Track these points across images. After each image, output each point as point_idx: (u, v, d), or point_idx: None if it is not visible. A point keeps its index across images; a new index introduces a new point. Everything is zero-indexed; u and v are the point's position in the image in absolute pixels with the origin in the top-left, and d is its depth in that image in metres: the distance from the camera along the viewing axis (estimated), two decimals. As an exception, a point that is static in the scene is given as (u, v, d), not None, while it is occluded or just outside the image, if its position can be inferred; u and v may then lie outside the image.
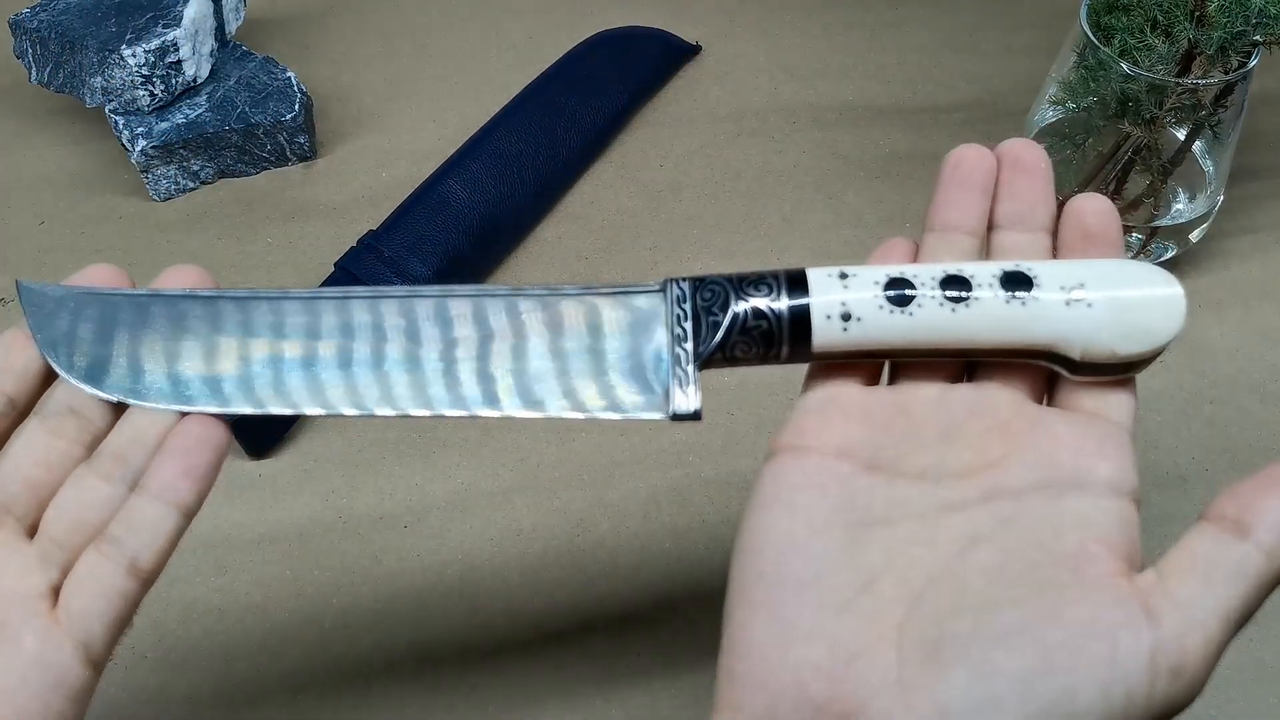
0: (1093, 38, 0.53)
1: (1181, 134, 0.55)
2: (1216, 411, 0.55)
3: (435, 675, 0.47)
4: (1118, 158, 0.55)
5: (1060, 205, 0.35)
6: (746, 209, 0.64)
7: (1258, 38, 0.50)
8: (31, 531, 0.33)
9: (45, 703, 0.30)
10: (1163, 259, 0.59)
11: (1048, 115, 0.58)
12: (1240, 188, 0.62)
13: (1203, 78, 0.52)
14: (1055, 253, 0.35)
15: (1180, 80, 0.51)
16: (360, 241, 0.58)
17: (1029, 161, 0.35)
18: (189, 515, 0.33)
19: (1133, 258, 0.58)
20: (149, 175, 0.63)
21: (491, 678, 0.47)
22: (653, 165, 0.66)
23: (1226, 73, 0.52)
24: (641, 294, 0.35)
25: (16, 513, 0.33)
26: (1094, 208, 0.34)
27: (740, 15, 0.74)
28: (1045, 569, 0.29)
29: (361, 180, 0.65)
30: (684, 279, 0.34)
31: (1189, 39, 0.51)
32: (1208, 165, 0.57)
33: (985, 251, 0.35)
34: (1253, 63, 0.52)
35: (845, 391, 0.33)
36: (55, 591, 0.32)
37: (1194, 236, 0.58)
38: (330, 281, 0.58)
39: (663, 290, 0.34)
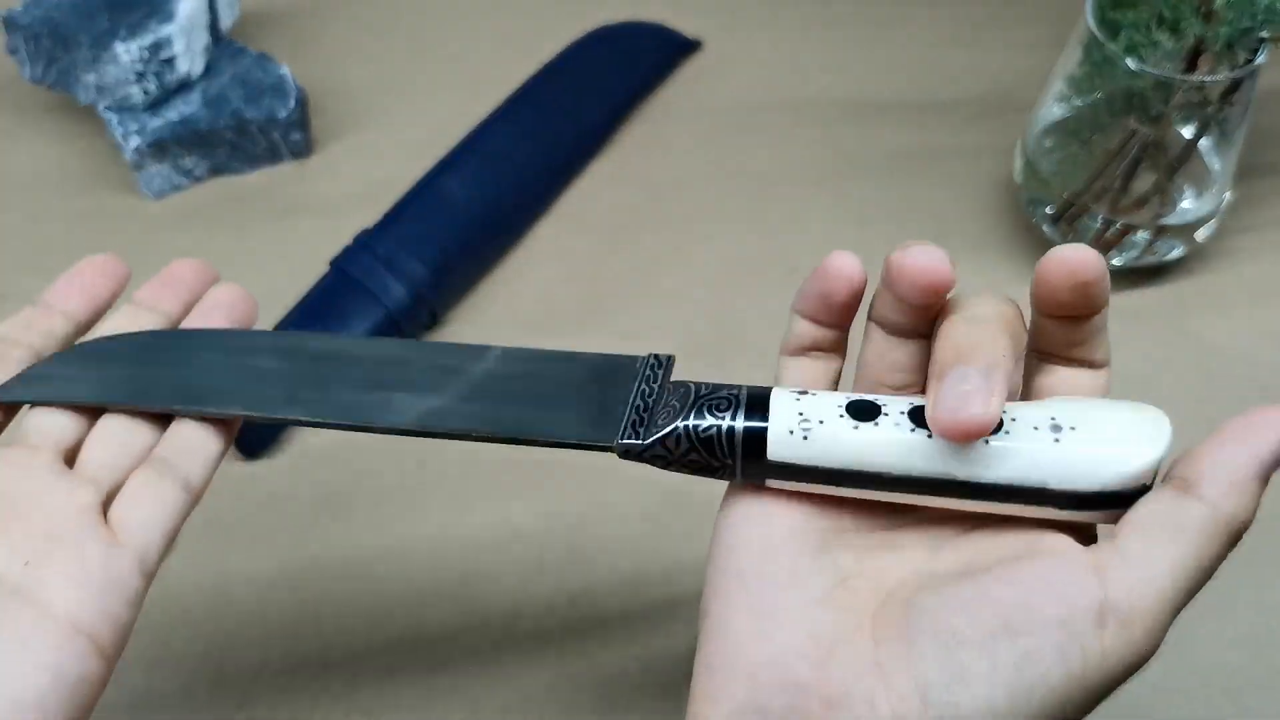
0: (1098, 33, 0.52)
1: (1188, 131, 0.55)
2: (1221, 413, 0.54)
3: (433, 677, 0.47)
4: (1124, 154, 0.54)
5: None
6: (748, 206, 0.63)
7: (1265, 34, 0.50)
8: (69, 459, 0.35)
9: (103, 602, 0.32)
10: (1169, 257, 0.58)
11: (1053, 111, 0.58)
12: (1247, 185, 0.61)
13: (1210, 74, 0.51)
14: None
15: (1187, 77, 0.51)
16: (355, 239, 0.58)
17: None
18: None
19: (1138, 256, 0.58)
20: (142, 172, 0.62)
21: (489, 681, 0.47)
22: (653, 162, 0.65)
23: (1233, 69, 0.51)
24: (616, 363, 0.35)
25: (54, 437, 0.35)
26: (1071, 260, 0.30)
27: (741, 10, 0.74)
28: (1007, 549, 0.30)
29: (357, 177, 0.64)
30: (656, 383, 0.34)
31: (1196, 35, 0.50)
32: (1214, 163, 0.57)
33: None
34: (1260, 59, 0.51)
35: None
36: (104, 510, 0.34)
37: (1200, 235, 0.58)
38: (325, 281, 0.57)
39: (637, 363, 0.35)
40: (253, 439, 0.53)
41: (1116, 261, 0.58)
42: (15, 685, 0.30)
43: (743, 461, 0.31)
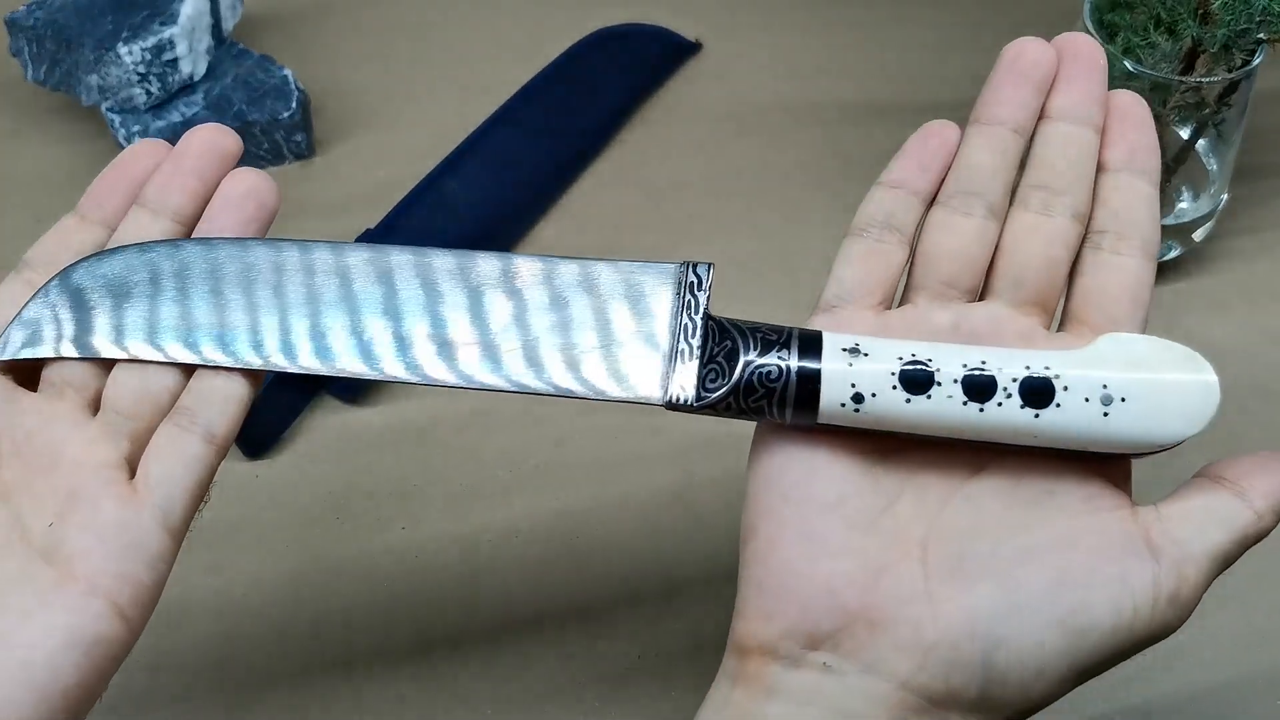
0: (1096, 35, 0.52)
1: (1185, 132, 0.55)
2: (1220, 412, 0.55)
3: (433, 677, 0.47)
4: (1121, 156, 0.54)
5: None
6: (747, 208, 0.63)
7: (1261, 35, 0.50)
8: (93, 406, 0.34)
9: (121, 563, 0.31)
10: (1166, 257, 0.58)
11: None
12: (1244, 186, 0.61)
13: (1206, 76, 0.51)
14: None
15: (1184, 78, 0.51)
16: (357, 240, 0.58)
17: (1088, 56, 0.36)
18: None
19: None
20: (145, 174, 0.62)
21: (489, 680, 0.47)
22: (653, 163, 0.66)
23: (1230, 71, 0.51)
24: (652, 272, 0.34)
25: (76, 385, 0.34)
26: (1126, 97, 0.36)
27: (741, 12, 0.74)
28: (1058, 496, 0.32)
29: (359, 179, 0.64)
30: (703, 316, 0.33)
31: (1192, 37, 0.50)
32: (1211, 164, 0.57)
33: (1029, 145, 0.36)
34: (1257, 61, 0.51)
35: (857, 323, 0.34)
36: (128, 463, 0.33)
37: (1198, 236, 0.58)
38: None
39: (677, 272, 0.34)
40: (254, 438, 0.53)
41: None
42: (26, 646, 0.29)
43: (792, 420, 0.32)
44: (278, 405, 0.53)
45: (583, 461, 0.53)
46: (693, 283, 0.34)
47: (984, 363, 0.31)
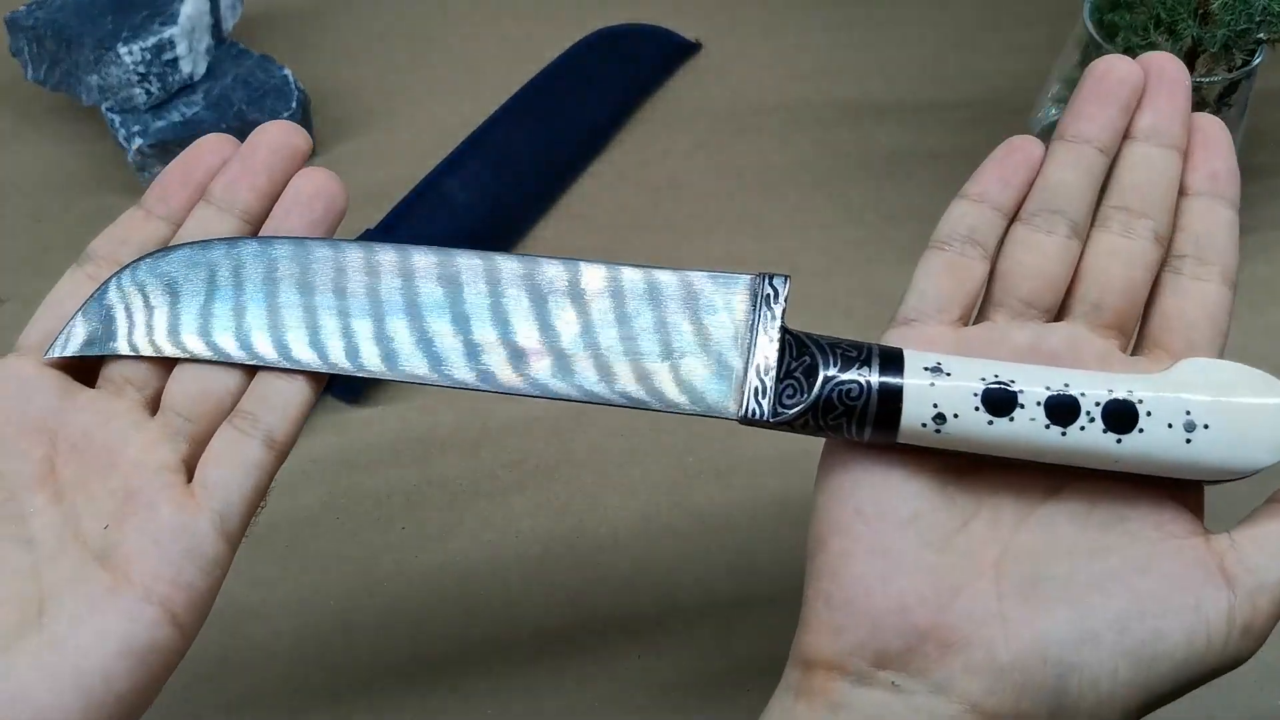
0: (1096, 35, 0.52)
1: (1185, 132, 0.55)
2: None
3: (433, 678, 0.47)
4: (1121, 156, 0.55)
5: None
6: (748, 207, 0.63)
7: (1261, 35, 0.50)
8: (152, 405, 0.33)
9: (177, 569, 0.31)
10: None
11: (1051, 113, 0.58)
12: (1244, 186, 0.61)
13: (1206, 76, 0.51)
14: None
15: (1184, 78, 0.51)
16: (357, 240, 0.58)
17: (1173, 76, 0.35)
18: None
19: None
20: (145, 174, 0.62)
21: (489, 681, 0.47)
22: (653, 163, 0.66)
23: (1230, 71, 0.51)
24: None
25: (136, 383, 0.33)
26: (1208, 120, 0.36)
27: (741, 12, 0.74)
28: (1132, 521, 0.31)
29: (359, 178, 0.64)
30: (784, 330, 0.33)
31: (1192, 37, 0.50)
32: (1211, 164, 0.57)
33: (1112, 165, 0.36)
34: (1256, 61, 0.51)
35: (936, 339, 0.34)
36: (186, 465, 0.32)
37: (1197, 235, 0.58)
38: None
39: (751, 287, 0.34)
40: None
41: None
42: (79, 652, 0.29)
43: (870, 439, 0.31)
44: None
45: (583, 461, 0.53)
46: (769, 295, 0.33)
47: (1067, 385, 0.30)
